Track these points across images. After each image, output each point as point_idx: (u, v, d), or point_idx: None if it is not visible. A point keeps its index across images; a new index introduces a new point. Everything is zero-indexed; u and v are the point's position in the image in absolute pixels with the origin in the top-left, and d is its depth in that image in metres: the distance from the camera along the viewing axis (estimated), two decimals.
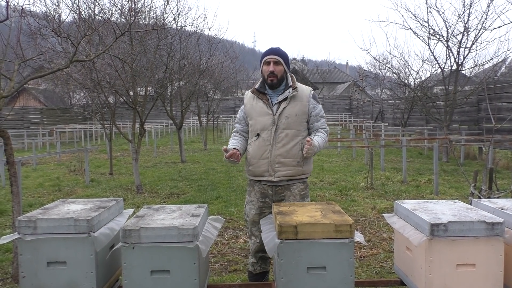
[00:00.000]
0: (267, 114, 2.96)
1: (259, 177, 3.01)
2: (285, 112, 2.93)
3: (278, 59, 2.94)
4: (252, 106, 3.05)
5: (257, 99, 3.03)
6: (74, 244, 2.34)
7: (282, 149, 2.93)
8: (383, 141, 12.10)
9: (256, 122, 3.00)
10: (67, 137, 19.73)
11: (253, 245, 3.09)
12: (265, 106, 2.98)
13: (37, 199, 7.27)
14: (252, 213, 3.06)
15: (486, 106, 12.37)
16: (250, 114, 3.05)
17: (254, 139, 3.01)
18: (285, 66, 2.98)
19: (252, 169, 3.02)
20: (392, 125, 20.38)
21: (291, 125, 2.94)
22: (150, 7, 12.12)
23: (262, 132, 2.97)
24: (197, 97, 14.47)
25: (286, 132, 2.93)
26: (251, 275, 3.19)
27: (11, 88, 3.68)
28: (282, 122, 2.93)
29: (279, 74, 2.95)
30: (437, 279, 2.28)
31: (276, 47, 3.02)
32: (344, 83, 47.56)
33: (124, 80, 7.27)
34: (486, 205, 2.66)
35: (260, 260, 3.14)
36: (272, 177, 2.95)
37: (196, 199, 6.91)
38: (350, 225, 2.23)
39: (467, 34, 10.82)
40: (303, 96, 2.99)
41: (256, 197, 3.05)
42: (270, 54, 2.96)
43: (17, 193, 3.65)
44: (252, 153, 3.01)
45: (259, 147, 2.97)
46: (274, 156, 2.93)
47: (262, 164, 2.96)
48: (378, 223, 5.28)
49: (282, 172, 2.94)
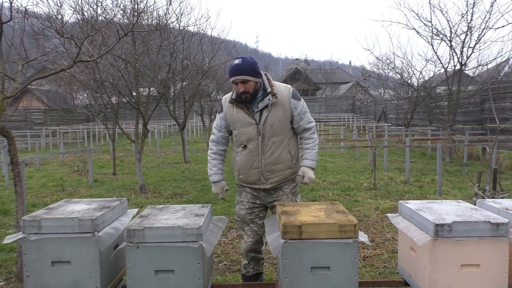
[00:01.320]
0: (251, 124, 2.88)
1: (251, 184, 3.01)
2: (269, 120, 2.86)
3: (244, 78, 2.78)
4: (233, 116, 2.93)
5: (237, 109, 2.91)
6: (79, 244, 2.34)
7: (271, 158, 2.90)
8: (386, 142, 12.08)
9: (240, 133, 2.93)
10: (70, 138, 19.78)
11: (245, 244, 3.09)
12: (247, 116, 2.88)
13: (40, 199, 7.29)
14: (242, 213, 3.06)
15: (489, 106, 12.32)
16: (233, 124, 2.96)
17: (241, 150, 2.96)
18: (254, 78, 2.81)
19: (243, 178, 3.01)
20: (395, 125, 20.34)
21: (277, 132, 2.89)
22: (153, 7, 12.13)
23: (248, 143, 2.91)
24: (200, 97, 14.46)
25: (273, 139, 2.89)
26: (244, 278, 3.18)
27: (15, 89, 3.69)
28: (267, 130, 2.87)
29: (250, 89, 2.81)
30: (441, 280, 2.28)
31: (238, 61, 2.79)
32: (347, 83, 47.52)
33: (127, 80, 7.29)
34: (490, 205, 2.65)
35: (253, 261, 3.13)
36: (265, 185, 2.96)
37: (199, 199, 6.91)
38: (354, 225, 2.23)
39: (471, 33, 10.79)
40: (283, 99, 2.88)
41: (246, 198, 3.06)
42: (234, 76, 2.78)
43: (21, 193, 3.66)
44: (241, 163, 2.97)
45: (248, 157, 2.93)
46: (264, 165, 2.91)
47: (253, 174, 2.95)
48: (381, 223, 5.27)
49: (274, 178, 2.95)
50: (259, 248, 3.13)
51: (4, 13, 3.62)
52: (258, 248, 3.12)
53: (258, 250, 3.12)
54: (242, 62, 2.79)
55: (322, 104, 36.20)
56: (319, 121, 28.50)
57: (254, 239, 3.06)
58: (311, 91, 43.80)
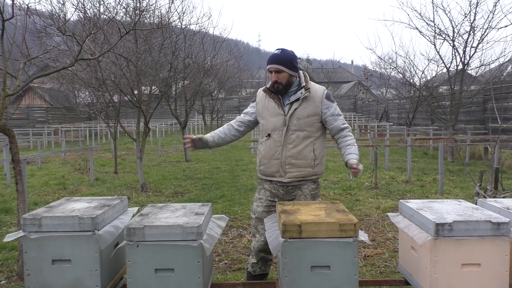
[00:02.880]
0: (279, 114, 2.94)
1: (270, 177, 3.00)
2: (297, 113, 2.90)
3: (279, 68, 2.87)
4: (264, 105, 3.02)
5: (269, 99, 3.00)
6: (79, 242, 2.35)
7: (293, 151, 2.91)
8: (388, 141, 12.07)
9: (267, 122, 2.99)
10: (72, 136, 19.81)
11: (257, 243, 3.08)
12: (277, 106, 2.96)
13: (42, 197, 7.30)
14: (259, 210, 3.05)
15: (492, 106, 12.29)
16: (262, 113, 3.03)
17: (265, 139, 2.99)
18: (289, 71, 2.90)
19: (263, 169, 3.02)
20: (397, 124, 20.31)
21: (302, 127, 2.91)
22: (155, 6, 12.16)
23: (273, 133, 2.95)
24: (201, 96, 14.49)
25: (297, 133, 2.91)
26: (249, 276, 3.17)
27: (17, 87, 3.69)
28: (293, 123, 2.91)
29: (283, 81, 2.91)
30: (442, 279, 2.27)
31: (277, 51, 2.93)
32: (349, 82, 47.45)
33: (128, 79, 7.29)
34: (491, 205, 2.65)
35: (261, 261, 3.12)
36: (283, 178, 2.95)
37: (200, 198, 6.92)
38: (355, 224, 2.22)
39: (473, 33, 10.74)
40: (315, 96, 2.94)
41: (265, 196, 3.04)
42: (270, 64, 2.90)
43: (22, 191, 3.67)
44: (263, 153, 3.00)
45: (270, 147, 2.96)
46: (284, 158, 2.92)
47: (273, 164, 2.95)
48: (382, 222, 5.26)
49: (293, 173, 2.93)
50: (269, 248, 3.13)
51: (6, 10, 3.62)
52: (269, 248, 3.11)
53: (268, 250, 3.10)
54: (281, 53, 2.90)
55: None
56: None
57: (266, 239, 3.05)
58: None
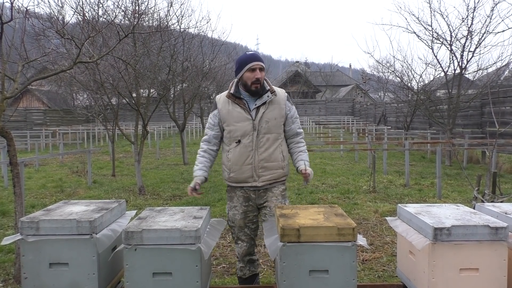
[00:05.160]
0: (246, 119, 2.93)
1: (242, 183, 3.00)
2: (265, 117, 2.93)
3: (263, 66, 2.91)
4: (228, 112, 2.97)
5: (233, 104, 2.96)
6: (77, 246, 2.34)
7: (264, 154, 2.94)
8: (386, 144, 12.07)
9: (235, 129, 2.95)
10: (70, 139, 19.75)
11: (240, 249, 3.11)
12: (243, 111, 2.94)
13: (39, 200, 7.28)
14: (237, 218, 3.07)
15: (489, 110, 12.33)
16: (227, 120, 2.98)
17: (234, 146, 2.96)
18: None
19: (234, 176, 3.00)
20: (394, 128, 20.36)
21: (272, 129, 2.95)
22: (154, 9, 12.13)
23: (243, 138, 2.93)
24: (200, 99, 14.47)
25: (267, 136, 2.94)
26: (241, 280, 3.21)
27: (15, 89, 3.69)
28: (262, 126, 2.92)
29: (262, 80, 2.93)
30: (440, 284, 2.27)
31: (255, 51, 3.00)
32: (347, 86, 47.55)
33: (127, 81, 7.28)
34: (489, 209, 2.65)
35: (248, 264, 3.15)
36: (257, 182, 2.96)
37: (198, 201, 6.89)
38: (353, 228, 2.22)
39: (471, 37, 10.78)
40: (280, 99, 3.00)
41: (239, 202, 3.05)
42: (256, 61, 2.88)
43: (19, 194, 3.66)
44: (233, 159, 2.97)
45: (241, 153, 2.94)
46: (257, 161, 2.93)
47: (246, 170, 2.95)
48: (380, 226, 5.26)
49: (266, 176, 2.97)
50: (253, 250, 3.19)
51: (5, 13, 3.62)
52: (253, 250, 3.18)
53: (252, 252, 3.18)
54: (257, 53, 2.97)
55: (322, 106, 36.25)
56: (318, 123, 28.51)
57: (249, 243, 3.10)
58: (311, 94, 43.85)
